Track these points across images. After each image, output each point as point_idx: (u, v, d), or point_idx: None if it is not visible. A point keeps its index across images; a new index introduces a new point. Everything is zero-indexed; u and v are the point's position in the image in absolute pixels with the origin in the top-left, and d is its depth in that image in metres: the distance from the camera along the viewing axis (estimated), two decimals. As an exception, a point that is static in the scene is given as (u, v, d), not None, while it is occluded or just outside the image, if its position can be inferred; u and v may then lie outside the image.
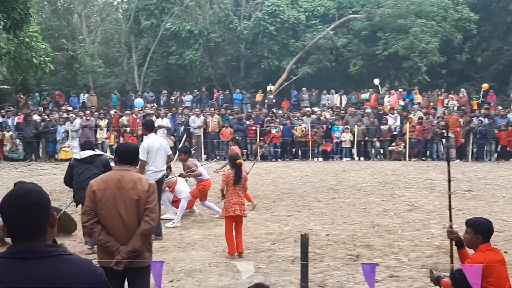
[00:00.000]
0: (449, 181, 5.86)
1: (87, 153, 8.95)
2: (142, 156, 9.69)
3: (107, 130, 23.38)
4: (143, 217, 4.81)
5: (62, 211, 9.28)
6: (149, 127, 10.10)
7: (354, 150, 22.55)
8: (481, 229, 4.93)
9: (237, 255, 8.41)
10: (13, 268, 2.24)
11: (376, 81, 29.45)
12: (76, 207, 9.46)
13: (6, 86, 31.21)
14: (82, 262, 2.38)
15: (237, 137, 18.29)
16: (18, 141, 22.93)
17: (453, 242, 5.31)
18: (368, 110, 24.50)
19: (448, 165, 5.81)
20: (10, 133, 22.95)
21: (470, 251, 5.04)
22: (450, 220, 5.66)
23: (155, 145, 9.59)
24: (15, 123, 23.79)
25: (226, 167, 11.82)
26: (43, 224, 2.34)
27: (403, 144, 21.99)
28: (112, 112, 25.84)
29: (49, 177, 17.61)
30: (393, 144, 22.16)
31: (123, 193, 4.80)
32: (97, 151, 9.07)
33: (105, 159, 8.93)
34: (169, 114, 24.07)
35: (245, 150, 22.74)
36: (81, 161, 8.90)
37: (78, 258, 2.40)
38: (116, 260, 4.72)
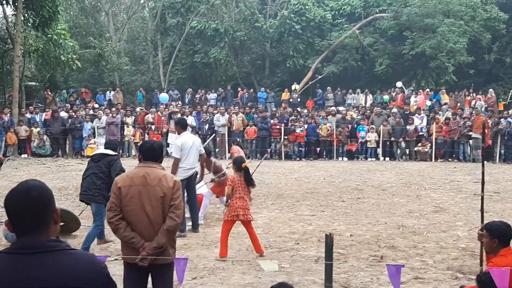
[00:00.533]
0: (483, 183, 5.77)
1: (99, 151, 9.12)
2: (176, 153, 9.81)
3: (133, 128, 23.56)
4: (168, 214, 4.82)
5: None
6: (183, 125, 10.28)
7: (380, 150, 22.36)
8: (496, 233, 4.85)
9: (258, 255, 8.29)
10: (17, 263, 2.27)
11: (399, 84, 29.20)
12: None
13: (34, 83, 31.73)
14: (85, 256, 2.40)
15: (237, 139, 18.26)
16: (45, 137, 23.24)
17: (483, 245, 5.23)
18: (394, 110, 24.28)
19: (483, 165, 5.73)
20: (38, 129, 23.26)
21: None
22: (482, 222, 5.56)
23: (188, 143, 9.82)
24: (42, 120, 24.12)
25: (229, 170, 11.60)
26: (47, 220, 2.37)
27: (429, 144, 21.74)
28: (138, 109, 26.03)
29: (75, 173, 17.79)
30: (419, 144, 21.92)
31: (149, 189, 4.82)
32: (108, 151, 8.94)
33: (112, 159, 8.84)
34: (193, 112, 24.15)
35: (269, 149, 22.74)
36: (91, 159, 9.06)
37: (81, 252, 2.43)
38: (141, 256, 4.74)
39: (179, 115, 23.34)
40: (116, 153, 9.08)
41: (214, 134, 20.91)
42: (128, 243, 4.82)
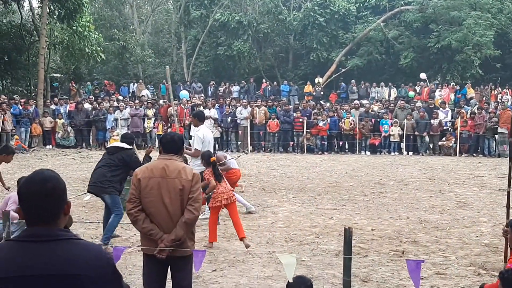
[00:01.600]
0: (509, 178, 5.67)
1: (115, 144, 9.03)
2: (198, 145, 9.80)
3: (155, 120, 23.66)
4: (186, 207, 4.83)
5: None
6: (201, 118, 10.28)
7: (403, 144, 22.15)
8: None
9: (241, 240, 8.35)
10: (26, 251, 2.30)
11: (423, 75, 28.87)
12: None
13: (59, 75, 32.06)
14: (92, 247, 2.42)
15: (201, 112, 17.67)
16: (69, 128, 23.50)
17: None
18: (419, 103, 24.01)
19: (510, 160, 5.62)
20: (62, 120, 23.53)
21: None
22: (507, 218, 5.46)
23: (209, 136, 10.00)
24: (67, 111, 24.37)
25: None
26: (58, 210, 2.40)
27: (453, 139, 21.48)
28: (161, 102, 26.14)
29: (99, 165, 17.95)
30: (444, 139, 21.66)
31: (168, 181, 4.82)
32: (123, 145, 8.80)
33: (127, 154, 8.69)
34: (216, 105, 24.18)
35: (291, 142, 22.69)
36: (106, 151, 9.00)
37: (88, 243, 2.44)
38: (159, 248, 4.76)
39: (201, 108, 23.42)
40: (131, 147, 8.96)
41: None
42: (147, 235, 4.84)
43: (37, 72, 25.45)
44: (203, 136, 9.79)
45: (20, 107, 22.42)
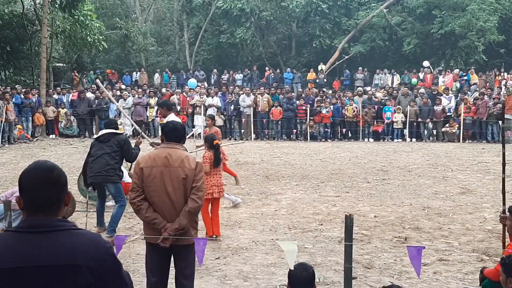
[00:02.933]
0: (504, 164, 5.66)
1: (104, 131, 8.78)
2: None
3: (157, 109, 23.61)
4: (190, 195, 4.83)
5: None
6: (169, 107, 10.26)
7: (406, 131, 22.10)
8: None
9: (214, 237, 8.13)
10: (25, 241, 2.30)
11: (426, 63, 28.73)
12: (88, 188, 9.22)
13: (61, 64, 32.05)
14: (91, 236, 2.42)
15: (213, 115, 17.68)
16: (72, 117, 23.51)
17: (506, 227, 5.15)
18: (422, 90, 23.92)
19: (503, 147, 5.60)
20: (65, 110, 23.53)
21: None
22: (504, 204, 5.46)
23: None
24: (69, 100, 24.37)
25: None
26: (59, 201, 2.40)
27: (457, 125, 21.41)
28: (163, 90, 26.11)
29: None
30: (447, 125, 21.60)
31: (171, 170, 4.82)
32: (113, 130, 8.66)
33: (122, 138, 8.59)
34: (219, 93, 24.14)
35: (295, 130, 22.65)
36: (97, 140, 8.71)
37: (88, 233, 2.45)
38: (163, 237, 4.77)
39: (204, 97, 23.41)
40: (121, 132, 8.84)
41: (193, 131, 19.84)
42: (150, 224, 4.85)
43: (39, 61, 25.42)
44: None
45: (22, 97, 22.42)
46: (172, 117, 9.78)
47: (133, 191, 4.89)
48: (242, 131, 23.04)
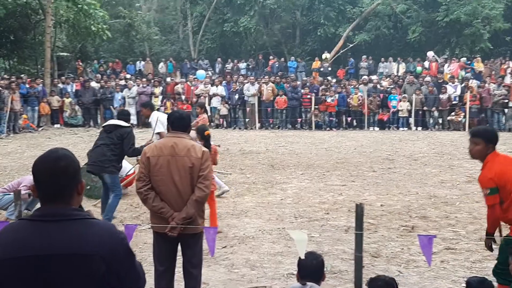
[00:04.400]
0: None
1: (111, 121, 8.77)
2: (162, 128, 9.93)
3: (163, 98, 23.60)
4: (196, 184, 4.82)
5: None
6: (152, 107, 10.91)
7: (412, 120, 22.03)
8: (490, 137, 4.96)
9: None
10: (39, 230, 2.30)
11: (430, 54, 28.58)
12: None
13: (65, 53, 32.00)
14: (106, 226, 2.41)
15: (203, 102, 17.58)
16: (77, 107, 23.51)
17: None
18: (427, 78, 23.81)
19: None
20: (70, 99, 23.53)
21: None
22: None
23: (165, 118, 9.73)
24: (74, 90, 24.36)
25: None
26: (72, 189, 2.40)
27: (462, 114, 21.33)
28: (168, 79, 26.07)
29: (107, 143, 17.98)
30: (453, 113, 21.52)
31: (177, 159, 4.81)
32: (121, 122, 8.55)
33: (125, 131, 8.44)
34: (223, 82, 24.08)
35: (299, 119, 22.60)
36: (104, 129, 8.71)
37: (102, 222, 2.44)
38: (170, 226, 4.77)
39: (209, 86, 23.36)
40: (129, 124, 8.72)
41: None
42: (157, 213, 4.84)
43: (43, 51, 25.40)
44: (162, 118, 9.90)
45: (27, 86, 22.41)
46: (156, 113, 10.23)
47: (140, 180, 4.88)
48: (247, 120, 23.01)
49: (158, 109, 23.14)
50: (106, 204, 8.61)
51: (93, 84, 24.52)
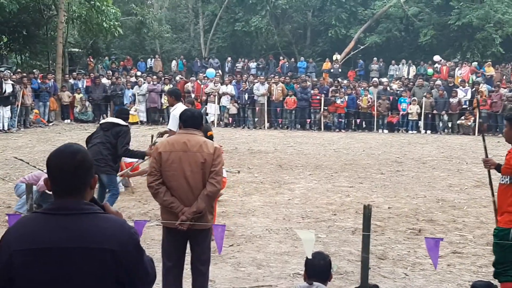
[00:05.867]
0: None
1: (109, 119, 8.65)
2: (173, 126, 9.15)
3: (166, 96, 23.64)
4: (208, 180, 4.89)
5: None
6: (178, 96, 9.72)
7: (421, 123, 21.96)
8: None
9: None
10: (52, 223, 2.34)
11: (437, 58, 28.49)
12: None
13: (77, 49, 32.15)
14: (117, 221, 2.44)
15: (192, 99, 17.41)
16: (87, 103, 23.62)
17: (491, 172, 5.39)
18: (438, 82, 23.73)
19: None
20: (81, 95, 23.64)
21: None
22: (486, 156, 5.58)
23: None
24: (84, 86, 24.47)
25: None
26: (86, 183, 2.43)
27: (472, 118, 21.24)
28: (178, 77, 26.13)
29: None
30: (462, 117, 21.44)
31: (189, 155, 4.88)
32: (119, 121, 8.37)
33: (121, 129, 8.24)
34: (233, 81, 24.10)
35: (309, 120, 22.60)
36: (100, 126, 8.53)
37: (113, 217, 2.46)
38: (180, 220, 4.82)
39: (219, 85, 23.40)
40: (126, 123, 8.49)
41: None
42: (168, 208, 4.90)
43: (55, 46, 25.52)
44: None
45: (39, 81, 22.53)
46: (180, 106, 9.23)
47: (151, 175, 4.94)
48: (256, 119, 23.02)
49: (167, 107, 23.31)
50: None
51: (104, 80, 24.62)
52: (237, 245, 7.41)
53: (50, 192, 2.45)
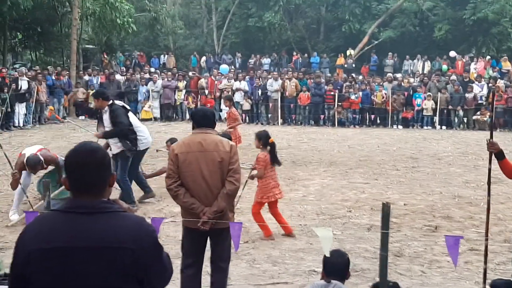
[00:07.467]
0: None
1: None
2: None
3: (186, 92, 23.65)
4: (227, 178, 4.89)
5: None
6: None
7: (436, 119, 21.79)
8: None
9: (288, 235, 7.69)
10: (72, 222, 2.32)
11: (452, 54, 28.23)
12: None
13: (91, 46, 32.26)
14: (136, 219, 2.44)
15: (231, 96, 17.46)
16: (102, 99, 23.64)
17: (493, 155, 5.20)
18: (453, 77, 23.52)
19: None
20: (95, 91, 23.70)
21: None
22: (491, 138, 5.46)
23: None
24: (99, 82, 24.53)
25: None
26: (105, 181, 2.43)
27: (488, 113, 21.03)
28: (191, 74, 26.14)
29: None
30: (478, 113, 21.24)
31: (206, 155, 4.86)
32: None
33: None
34: (246, 77, 24.05)
35: (322, 116, 22.50)
36: None
37: (132, 216, 2.46)
38: (202, 220, 4.83)
39: (232, 81, 23.37)
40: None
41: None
42: (188, 209, 4.90)
43: (69, 43, 25.63)
44: None
45: (54, 78, 22.65)
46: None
47: (170, 177, 4.94)
48: (269, 115, 22.97)
49: (181, 103, 23.38)
50: None
51: (118, 77, 24.68)
52: (252, 242, 7.40)
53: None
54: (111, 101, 8.95)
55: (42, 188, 8.45)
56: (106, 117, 8.89)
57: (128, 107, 9.59)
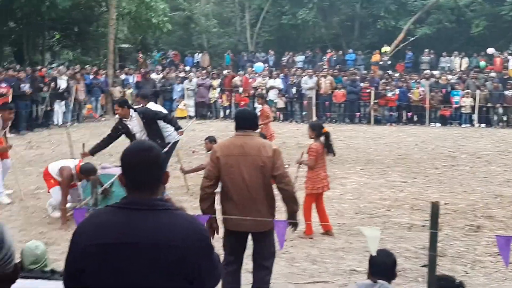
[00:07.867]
0: None
1: None
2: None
3: (220, 90, 23.73)
4: (278, 185, 4.93)
5: None
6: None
7: (475, 116, 21.37)
8: None
9: (326, 233, 7.63)
10: (127, 218, 2.35)
11: (490, 51, 27.63)
12: None
13: (127, 45, 32.63)
14: (188, 218, 2.45)
15: (263, 93, 17.66)
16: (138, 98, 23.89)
17: None
18: (492, 74, 23.04)
19: None
20: (131, 90, 23.97)
21: None
22: None
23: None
24: (135, 81, 24.80)
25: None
26: (159, 179, 2.46)
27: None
28: (225, 72, 26.19)
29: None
30: (518, 110, 20.79)
31: (247, 159, 4.82)
32: None
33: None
34: (281, 74, 23.99)
35: (358, 113, 22.30)
36: None
37: (185, 214, 2.47)
38: (293, 221, 5.11)
39: (266, 79, 23.35)
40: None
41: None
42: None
43: (106, 42, 25.96)
44: None
45: (91, 77, 22.99)
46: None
47: (207, 178, 4.92)
48: (304, 113, 22.86)
49: (215, 101, 23.47)
50: None
51: (154, 75, 24.90)
52: (290, 240, 7.34)
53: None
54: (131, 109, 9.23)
55: (89, 188, 8.53)
56: (134, 123, 9.10)
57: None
